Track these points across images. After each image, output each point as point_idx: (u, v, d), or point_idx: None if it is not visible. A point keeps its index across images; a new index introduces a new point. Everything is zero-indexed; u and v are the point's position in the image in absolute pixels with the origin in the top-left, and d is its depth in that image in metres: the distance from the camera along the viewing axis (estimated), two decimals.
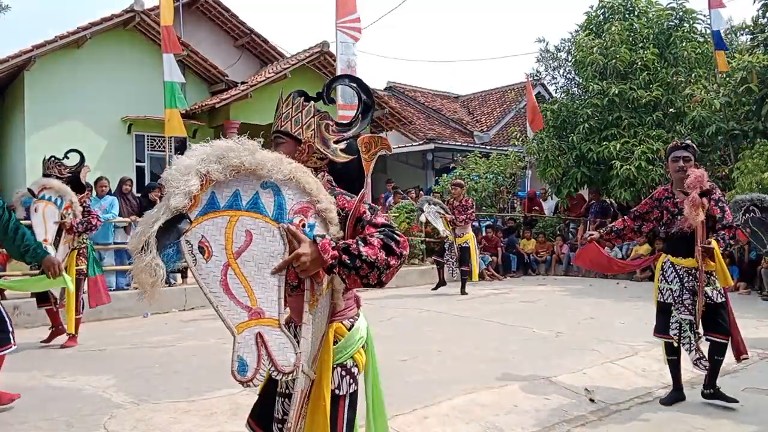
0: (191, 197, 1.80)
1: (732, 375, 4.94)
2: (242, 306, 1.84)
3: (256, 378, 1.83)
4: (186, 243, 1.81)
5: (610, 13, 13.90)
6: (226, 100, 14.22)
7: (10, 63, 12.77)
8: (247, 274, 1.86)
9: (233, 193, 1.88)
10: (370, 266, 1.82)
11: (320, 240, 1.84)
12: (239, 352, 1.83)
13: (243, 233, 1.87)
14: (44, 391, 4.65)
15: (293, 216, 1.93)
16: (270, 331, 1.86)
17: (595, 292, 10.00)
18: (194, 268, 1.81)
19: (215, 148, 1.87)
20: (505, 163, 15.73)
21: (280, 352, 1.86)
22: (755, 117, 10.85)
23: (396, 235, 1.88)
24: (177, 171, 1.82)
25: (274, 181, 1.92)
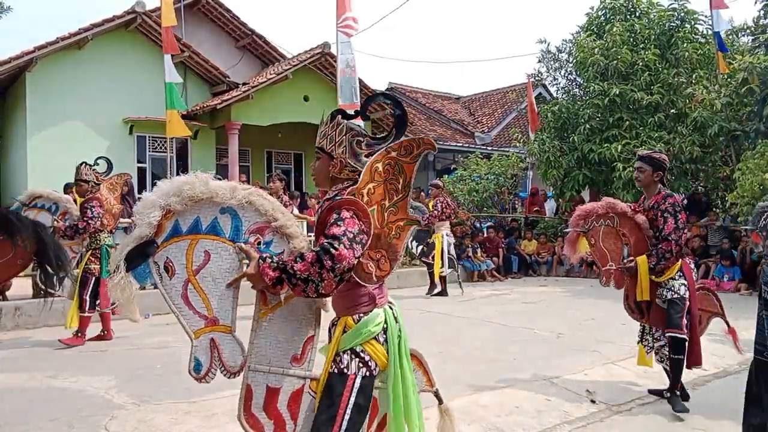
0: (154, 227, 2.16)
1: (735, 376, 4.93)
2: (200, 315, 2.22)
3: (208, 376, 2.23)
4: (154, 264, 2.19)
5: (612, 14, 13.88)
6: (228, 101, 14.24)
7: (11, 64, 12.80)
8: (205, 287, 2.22)
9: (194, 219, 2.24)
10: (305, 282, 2.03)
11: (262, 264, 2.09)
12: (196, 354, 2.21)
13: (202, 253, 2.22)
14: (45, 392, 4.65)
15: (248, 236, 2.26)
16: (222, 336, 2.23)
17: (596, 293, 9.99)
18: (161, 284, 2.19)
19: (174, 184, 2.22)
20: (506, 164, 15.73)
21: (230, 355, 2.25)
22: (757, 118, 10.83)
23: (333, 249, 2.01)
24: (143, 206, 2.19)
25: (230, 205, 2.25)
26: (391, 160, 2.24)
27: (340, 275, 2.03)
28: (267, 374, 2.27)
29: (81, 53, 13.83)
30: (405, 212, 2.26)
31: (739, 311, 7.96)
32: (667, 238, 4.12)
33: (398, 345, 2.30)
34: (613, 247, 4.32)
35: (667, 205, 4.17)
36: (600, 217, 4.34)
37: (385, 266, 2.24)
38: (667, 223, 4.14)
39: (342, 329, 2.24)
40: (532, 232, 13.97)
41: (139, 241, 2.15)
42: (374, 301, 2.28)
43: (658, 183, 4.32)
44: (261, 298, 2.25)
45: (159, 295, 6.16)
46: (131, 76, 14.29)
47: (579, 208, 4.46)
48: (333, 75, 14.42)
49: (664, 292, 4.23)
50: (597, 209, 4.34)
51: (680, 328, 4.15)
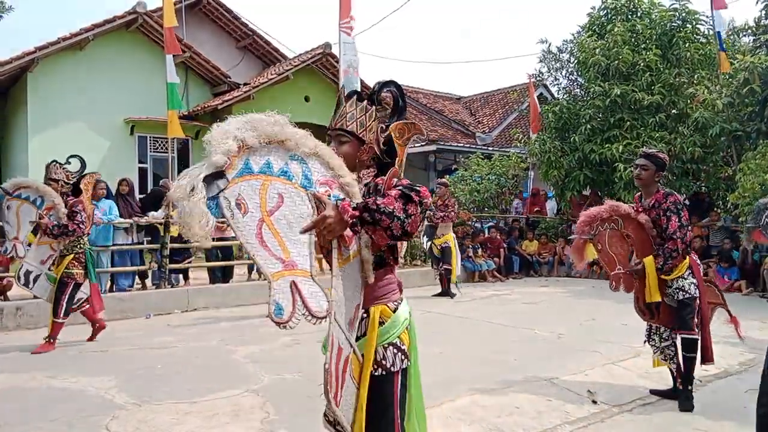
0: (229, 156, 1.99)
1: (736, 376, 4.92)
2: (276, 257, 2.01)
3: (292, 321, 1.97)
4: (224, 199, 1.97)
5: (613, 14, 13.87)
6: (229, 102, 14.25)
7: (12, 65, 12.82)
8: (280, 230, 2.04)
9: (265, 161, 2.08)
10: (389, 216, 1.93)
11: (341, 203, 1.99)
12: (275, 297, 1.96)
13: (275, 195, 2.06)
14: (46, 392, 4.65)
15: (319, 186, 2.12)
16: (303, 280, 2.02)
17: (596, 294, 9.99)
18: (232, 221, 1.97)
19: (250, 118, 2.08)
20: (507, 164, 15.72)
21: (313, 298, 2.01)
22: (758, 118, 10.82)
23: (415, 186, 2.00)
24: (217, 134, 2.02)
25: (301, 154, 2.12)
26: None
27: (424, 214, 2.01)
28: (340, 329, 2.13)
29: (82, 54, 13.85)
30: None
31: (739, 311, 7.95)
32: (672, 236, 4.12)
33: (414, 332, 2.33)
34: (619, 250, 4.30)
35: (669, 204, 4.17)
36: (605, 221, 4.31)
37: (401, 248, 2.26)
38: (671, 221, 4.13)
39: (378, 320, 2.18)
40: (533, 232, 13.96)
41: (213, 169, 1.96)
42: (401, 289, 2.30)
43: (657, 182, 4.32)
44: (338, 247, 2.11)
45: (159, 295, 6.18)
46: (132, 77, 14.30)
47: (583, 213, 4.39)
48: (334, 75, 14.44)
49: (674, 292, 4.24)
50: (601, 213, 4.31)
51: (692, 329, 4.18)
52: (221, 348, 6.11)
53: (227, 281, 9.72)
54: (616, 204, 4.36)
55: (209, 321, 7.71)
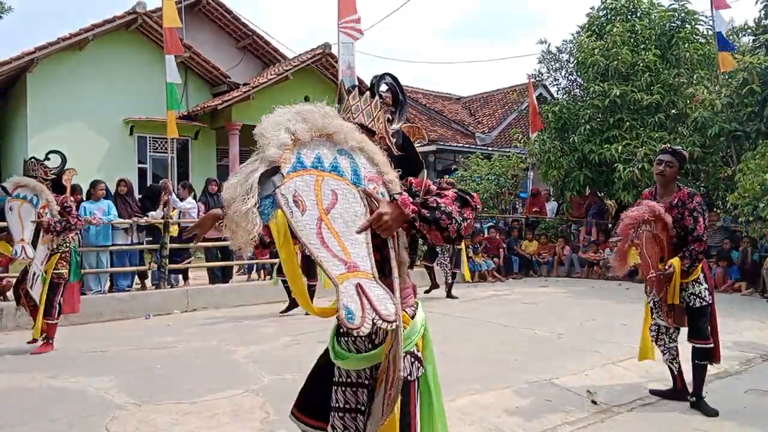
0: (283, 150, 1.88)
1: (736, 377, 4.92)
2: (338, 259, 1.86)
3: (364, 325, 1.79)
4: (282, 196, 1.85)
5: (612, 15, 13.88)
6: (228, 102, 14.25)
7: (12, 65, 12.82)
8: (338, 229, 1.90)
9: (316, 155, 1.96)
10: (449, 217, 1.87)
11: (399, 196, 1.90)
12: (344, 301, 1.81)
13: (329, 192, 1.93)
14: (46, 392, 4.65)
15: (367, 182, 2.01)
16: (367, 282, 1.86)
17: (596, 294, 9.99)
18: (292, 219, 1.84)
19: (300, 109, 1.97)
20: (506, 164, 15.73)
21: (381, 302, 1.85)
22: (758, 118, 10.83)
23: (470, 192, 1.97)
24: (268, 125, 1.91)
25: (348, 148, 2.01)
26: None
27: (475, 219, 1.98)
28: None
29: (82, 54, 13.85)
30: None
31: (739, 311, 7.98)
32: (701, 238, 4.04)
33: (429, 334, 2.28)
34: (651, 252, 4.14)
35: (695, 204, 4.07)
36: (645, 223, 4.12)
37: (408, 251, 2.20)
38: (698, 223, 4.04)
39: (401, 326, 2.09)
40: (533, 232, 13.97)
41: (268, 164, 1.83)
42: (416, 292, 2.25)
43: (677, 180, 4.23)
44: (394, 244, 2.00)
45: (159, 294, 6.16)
46: (132, 77, 14.30)
47: (626, 215, 4.19)
48: (334, 75, 14.44)
49: (689, 298, 4.15)
50: (643, 215, 4.09)
51: (707, 339, 4.12)
52: (221, 348, 6.11)
53: (227, 281, 9.71)
54: (653, 204, 4.15)
55: (209, 321, 7.70)
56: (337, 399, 2.16)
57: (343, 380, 2.17)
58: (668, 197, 4.20)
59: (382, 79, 2.35)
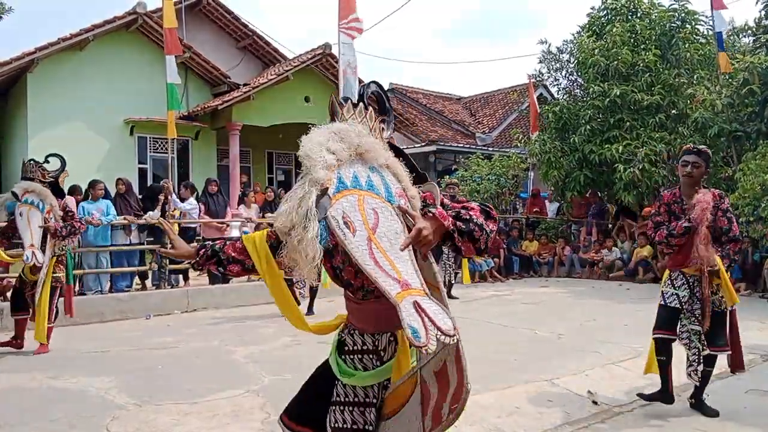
0: (330, 170, 1.85)
1: (736, 377, 4.91)
2: (392, 278, 1.82)
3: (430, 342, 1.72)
4: (332, 219, 1.81)
5: (613, 15, 13.88)
6: (229, 102, 14.24)
7: (12, 65, 12.81)
8: (385, 248, 1.86)
9: (353, 174, 1.93)
10: (481, 229, 1.88)
11: (435, 210, 1.88)
12: (408, 320, 1.76)
13: (371, 211, 1.90)
14: (46, 393, 4.65)
15: (399, 198, 1.98)
16: (422, 299, 1.83)
17: (597, 294, 9.99)
18: (346, 242, 1.80)
19: (337, 128, 1.95)
20: (507, 164, 15.72)
21: (438, 317, 1.81)
22: (758, 118, 10.82)
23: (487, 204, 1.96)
24: (310, 146, 1.87)
25: (378, 166, 1.99)
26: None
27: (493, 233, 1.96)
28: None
29: (82, 54, 13.84)
30: None
31: (739, 311, 7.95)
32: (738, 238, 4.02)
33: None
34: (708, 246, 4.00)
35: (726, 205, 4.03)
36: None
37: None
38: (732, 223, 4.00)
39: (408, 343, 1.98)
40: (533, 232, 13.97)
41: (318, 186, 1.79)
42: None
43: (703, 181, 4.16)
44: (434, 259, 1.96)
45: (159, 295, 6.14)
46: (132, 77, 14.29)
47: (700, 201, 3.96)
48: (334, 76, 14.42)
49: (717, 300, 4.07)
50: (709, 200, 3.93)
51: (722, 347, 4.07)
52: (221, 348, 6.11)
53: (227, 282, 9.71)
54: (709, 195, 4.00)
55: (209, 321, 7.71)
56: (344, 420, 2.08)
57: (349, 400, 2.10)
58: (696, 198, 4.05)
59: (368, 88, 2.30)
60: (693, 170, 4.06)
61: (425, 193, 2.09)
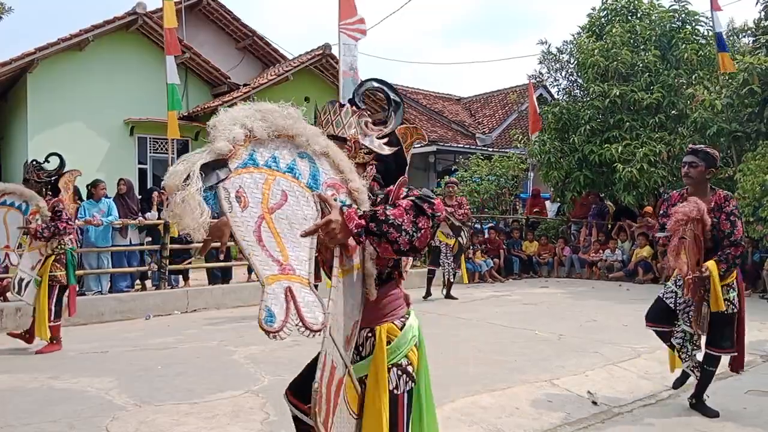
0: (234, 145, 1.85)
1: (736, 378, 4.92)
2: (273, 259, 1.83)
3: (283, 330, 1.78)
4: (224, 189, 1.82)
5: (613, 15, 13.89)
6: (229, 103, 14.23)
7: (12, 65, 12.82)
8: (281, 230, 1.87)
9: (272, 155, 1.94)
10: (398, 229, 1.80)
11: (347, 209, 1.87)
12: (267, 302, 1.78)
13: (279, 192, 1.91)
14: (47, 393, 4.65)
15: (326, 188, 1.99)
16: (300, 287, 1.84)
17: (597, 294, 9.98)
18: (230, 214, 1.81)
19: (262, 107, 1.94)
20: (507, 165, 15.72)
21: (309, 309, 1.82)
22: (758, 119, 10.82)
23: (429, 198, 1.87)
24: (224, 119, 1.88)
25: (310, 152, 1.99)
26: None
27: (436, 228, 1.89)
28: (334, 346, 1.94)
29: (82, 54, 13.85)
30: None
31: None
32: (740, 243, 3.91)
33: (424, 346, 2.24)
34: (691, 253, 3.95)
35: (732, 208, 3.95)
36: (692, 221, 3.92)
37: (408, 261, 2.17)
38: (736, 227, 3.91)
39: (386, 339, 2.06)
40: (533, 233, 13.97)
41: (215, 156, 1.82)
42: (409, 303, 2.20)
43: (708, 181, 4.08)
44: (339, 256, 1.97)
45: (159, 295, 6.14)
46: (132, 78, 14.30)
47: (676, 211, 3.97)
48: (334, 76, 14.44)
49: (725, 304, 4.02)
50: (692, 212, 3.90)
51: (726, 349, 4.04)
52: (221, 349, 6.11)
53: (227, 282, 9.71)
54: (700, 201, 3.95)
55: (209, 321, 7.71)
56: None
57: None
58: (703, 200, 4.02)
59: (363, 85, 2.33)
60: (690, 170, 4.05)
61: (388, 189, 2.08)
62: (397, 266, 2.09)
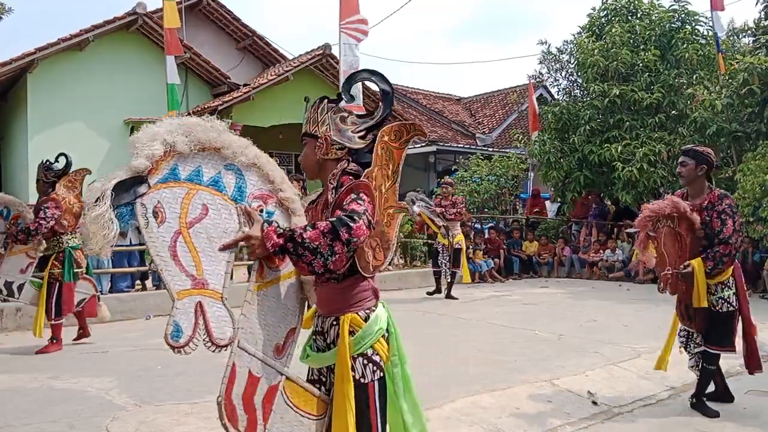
0: (153, 161, 1.89)
1: (735, 378, 4.91)
2: (187, 274, 1.90)
3: (189, 346, 1.90)
4: (141, 205, 1.86)
5: (613, 15, 13.89)
6: (229, 103, 14.24)
7: (12, 65, 12.80)
8: (198, 244, 1.92)
9: (195, 168, 1.96)
10: (313, 252, 1.86)
11: (266, 227, 1.91)
12: (176, 317, 1.88)
13: (199, 206, 1.94)
14: (47, 393, 4.65)
15: (252, 200, 2.02)
16: (211, 302, 1.93)
17: (597, 294, 9.98)
18: (145, 230, 1.86)
19: (184, 122, 1.97)
20: (507, 165, 15.72)
21: (218, 323, 1.93)
22: (758, 119, 10.82)
23: (351, 222, 1.88)
24: (144, 136, 1.92)
25: (238, 164, 2.01)
26: (384, 145, 2.21)
27: (353, 252, 1.92)
28: (252, 358, 2.01)
29: (82, 54, 13.83)
30: (394, 199, 2.22)
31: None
32: (727, 241, 3.92)
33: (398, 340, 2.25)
34: (670, 249, 4.05)
35: (724, 206, 3.97)
36: (665, 217, 4.04)
37: (379, 256, 2.15)
38: (726, 225, 3.93)
39: (348, 328, 2.09)
40: (533, 233, 13.97)
41: (132, 173, 1.86)
42: (377, 296, 2.21)
43: (705, 179, 4.11)
44: (258, 269, 2.04)
45: (160, 295, 6.13)
46: (132, 78, 14.29)
47: (646, 207, 4.14)
48: (334, 76, 14.43)
49: (717, 302, 4.06)
50: (664, 209, 4.02)
51: (722, 347, 4.05)
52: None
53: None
54: (677, 200, 4.07)
55: None
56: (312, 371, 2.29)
57: (312, 377, 2.26)
58: (698, 199, 4.10)
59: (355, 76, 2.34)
60: (681, 169, 4.17)
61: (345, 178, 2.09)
62: (361, 259, 2.08)
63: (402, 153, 2.24)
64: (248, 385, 1.96)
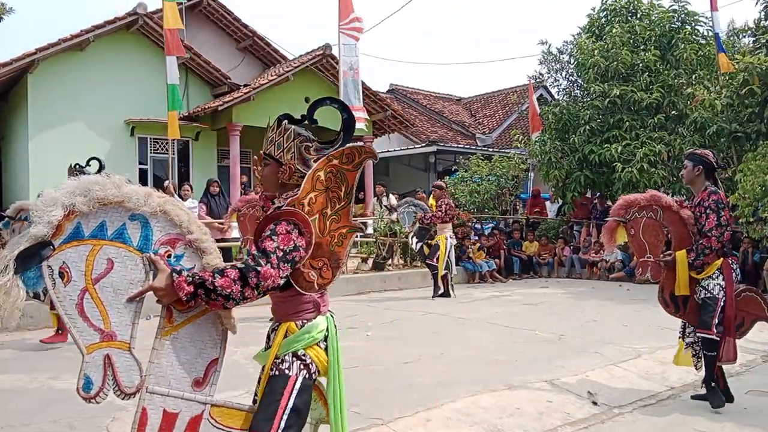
0: (53, 227, 1.99)
1: (735, 378, 4.92)
2: (95, 328, 2.04)
3: (99, 396, 2.03)
4: (47, 268, 1.99)
5: (612, 15, 13.89)
6: (229, 103, 14.25)
7: (13, 66, 12.81)
8: (104, 299, 2.05)
9: (99, 223, 2.06)
10: (225, 298, 1.99)
11: (176, 277, 2.00)
12: (86, 370, 2.02)
13: (104, 261, 2.05)
14: (47, 393, 4.65)
15: (159, 247, 2.11)
16: (119, 353, 2.06)
17: (597, 295, 9.98)
18: (53, 291, 2.00)
19: (82, 182, 2.06)
20: (507, 165, 15.72)
21: (126, 373, 2.06)
22: (758, 119, 10.82)
23: (258, 267, 1.99)
24: (42, 202, 2.01)
25: (142, 213, 2.10)
26: (333, 168, 2.24)
27: (264, 292, 2.04)
28: (165, 397, 2.11)
29: (82, 55, 13.85)
30: (347, 220, 2.26)
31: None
32: (708, 234, 4.11)
33: (337, 353, 2.32)
34: (653, 240, 4.31)
35: (710, 202, 4.16)
36: (642, 208, 4.31)
37: (327, 274, 2.22)
38: (708, 219, 4.13)
39: (283, 334, 2.23)
40: (533, 233, 13.96)
41: (34, 241, 1.97)
42: (318, 309, 2.30)
43: (704, 180, 4.28)
44: (166, 314, 2.13)
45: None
46: (133, 78, 14.30)
47: (622, 198, 4.46)
48: (334, 77, 14.44)
49: (698, 290, 4.25)
50: (639, 200, 4.32)
51: (709, 329, 4.15)
52: None
53: None
54: (658, 195, 4.39)
55: None
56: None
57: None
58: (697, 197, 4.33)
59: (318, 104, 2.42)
60: (682, 172, 4.44)
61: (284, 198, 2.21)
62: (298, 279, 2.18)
63: (355, 175, 2.27)
64: (164, 422, 2.09)
